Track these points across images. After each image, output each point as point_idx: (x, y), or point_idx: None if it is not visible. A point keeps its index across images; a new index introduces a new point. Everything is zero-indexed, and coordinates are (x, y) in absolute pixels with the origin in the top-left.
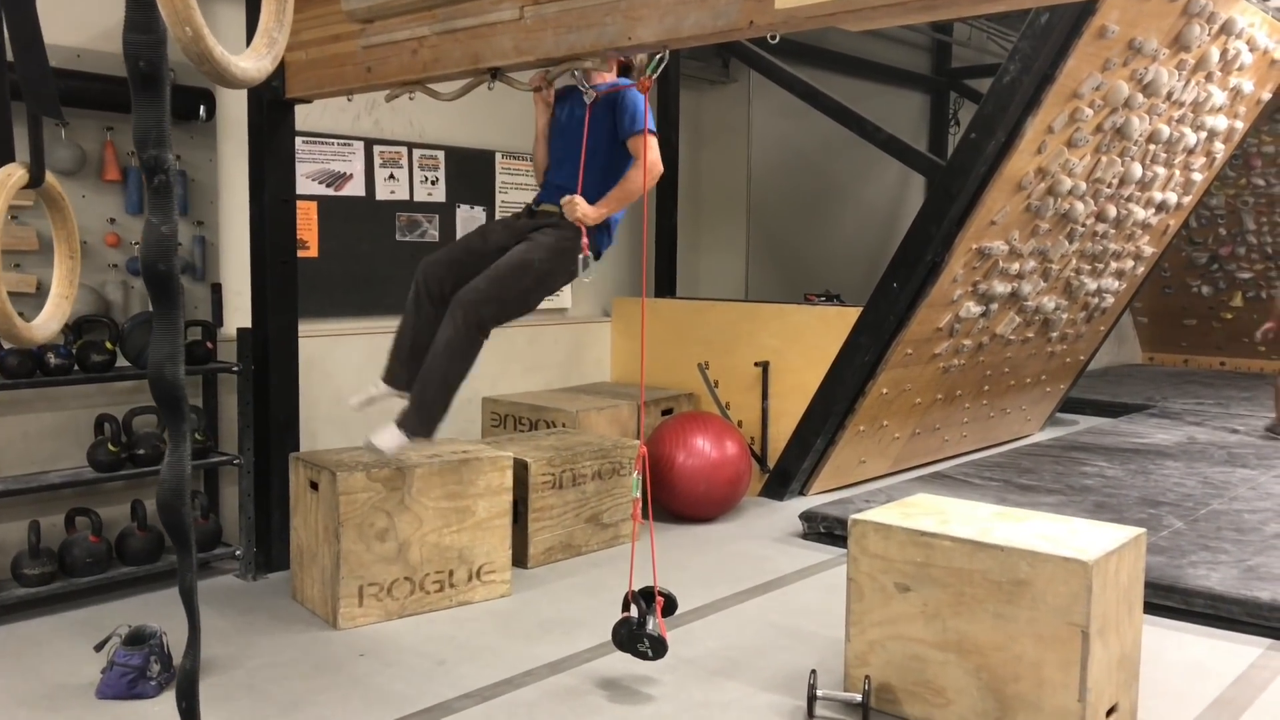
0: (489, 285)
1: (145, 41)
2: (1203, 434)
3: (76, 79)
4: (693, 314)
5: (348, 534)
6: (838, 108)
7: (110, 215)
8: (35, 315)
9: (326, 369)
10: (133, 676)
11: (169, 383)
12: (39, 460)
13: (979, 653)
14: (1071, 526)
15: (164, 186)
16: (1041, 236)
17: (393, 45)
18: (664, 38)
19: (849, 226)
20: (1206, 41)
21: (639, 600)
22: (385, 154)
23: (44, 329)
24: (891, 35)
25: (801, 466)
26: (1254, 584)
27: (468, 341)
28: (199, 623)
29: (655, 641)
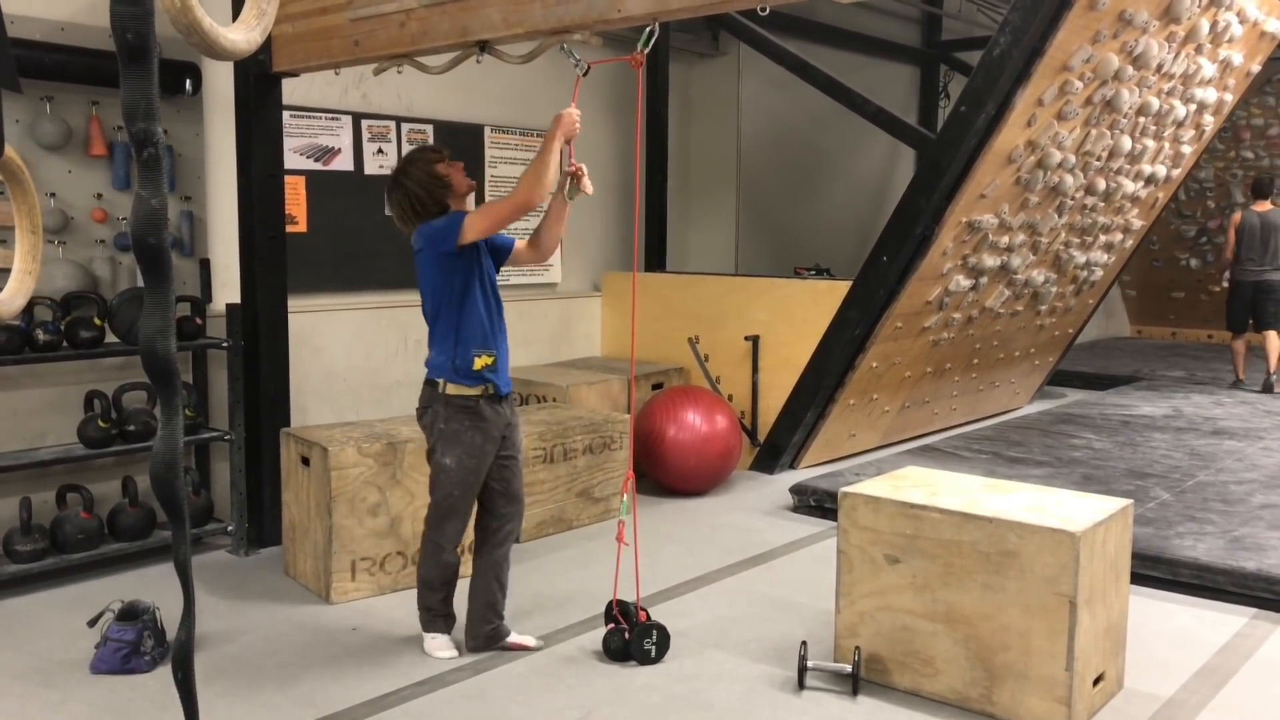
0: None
1: (133, 13)
2: (1190, 406)
3: (61, 53)
4: (683, 288)
5: (339, 509)
6: (827, 80)
7: (97, 190)
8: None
9: (316, 344)
10: (126, 651)
11: (160, 356)
12: (29, 437)
13: (967, 623)
14: (1059, 498)
15: (153, 160)
16: (1031, 210)
17: (380, 18)
18: (653, 10)
19: (839, 200)
20: (1196, 13)
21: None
22: (373, 128)
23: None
24: (881, 8)
25: (792, 440)
26: (1239, 554)
27: (425, 552)
28: (194, 595)
29: (663, 638)
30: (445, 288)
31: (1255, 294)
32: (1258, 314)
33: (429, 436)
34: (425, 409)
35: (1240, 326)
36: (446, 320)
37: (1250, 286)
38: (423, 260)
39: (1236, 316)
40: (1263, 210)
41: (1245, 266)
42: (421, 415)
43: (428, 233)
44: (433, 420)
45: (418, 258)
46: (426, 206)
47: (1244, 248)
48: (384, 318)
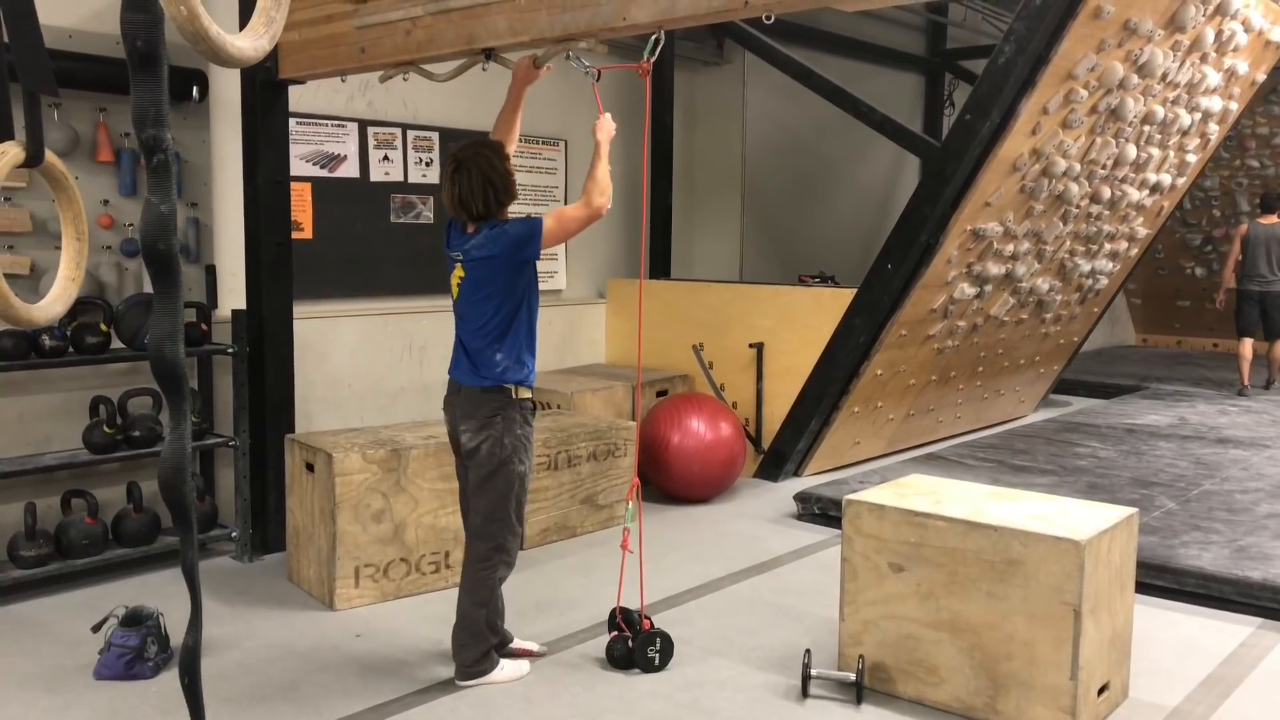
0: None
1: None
2: (1195, 415)
3: (69, 59)
4: (687, 295)
5: (344, 515)
6: (832, 89)
7: (104, 197)
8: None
9: (321, 350)
10: (130, 657)
11: (169, 361)
12: (34, 442)
13: (972, 632)
14: (1064, 506)
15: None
16: (1036, 218)
17: (386, 26)
18: (659, 18)
19: (843, 208)
20: (1202, 22)
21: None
22: (379, 135)
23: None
24: (886, 16)
25: (796, 447)
26: (1245, 564)
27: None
28: (201, 600)
29: (666, 645)
30: (515, 292)
31: (1264, 304)
32: (1267, 325)
33: (497, 447)
34: (493, 417)
35: (1249, 330)
36: (516, 324)
37: (1257, 296)
38: (494, 265)
39: (1246, 321)
40: (1269, 223)
41: (1252, 277)
42: (487, 425)
43: (505, 241)
44: (505, 428)
45: (484, 262)
46: (499, 198)
47: (1250, 260)
48: (389, 324)
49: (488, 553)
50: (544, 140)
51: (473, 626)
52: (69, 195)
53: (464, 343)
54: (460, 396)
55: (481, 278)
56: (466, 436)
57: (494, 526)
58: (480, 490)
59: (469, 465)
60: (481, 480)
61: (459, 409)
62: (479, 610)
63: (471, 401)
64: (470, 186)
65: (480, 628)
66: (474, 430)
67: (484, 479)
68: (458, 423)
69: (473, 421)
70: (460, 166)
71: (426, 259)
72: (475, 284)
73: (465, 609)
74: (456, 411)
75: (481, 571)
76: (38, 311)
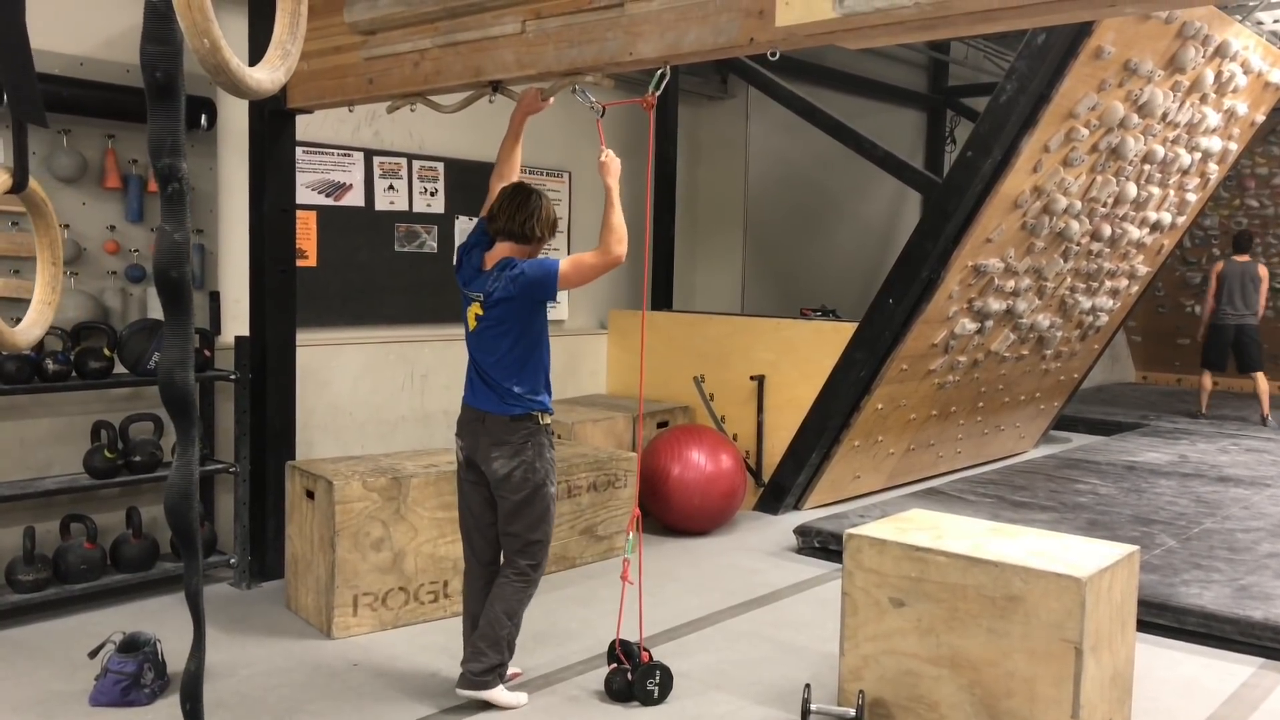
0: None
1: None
2: (1195, 453)
3: (79, 87)
4: (689, 327)
5: (343, 543)
6: (835, 124)
7: (110, 223)
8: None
9: (324, 378)
10: (126, 684)
11: (179, 388)
12: (35, 466)
13: (972, 668)
14: (1065, 543)
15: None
16: (1037, 254)
17: (394, 57)
18: (665, 53)
19: (845, 242)
20: (1201, 64)
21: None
22: (385, 165)
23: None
24: (889, 53)
25: (796, 481)
26: (1246, 603)
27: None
28: (204, 626)
29: (666, 678)
30: (533, 327)
31: (1237, 337)
32: (1241, 357)
33: (530, 472)
34: (525, 444)
35: (1216, 365)
36: (536, 356)
37: (1231, 330)
38: (511, 306)
39: (1215, 355)
40: (1243, 261)
41: (1226, 311)
42: (519, 451)
43: (522, 283)
44: (536, 453)
45: (502, 303)
46: (544, 235)
47: (1225, 295)
48: (391, 353)
49: (528, 569)
50: (549, 172)
51: (494, 636)
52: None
53: (482, 373)
54: (485, 425)
55: (498, 316)
56: (499, 464)
57: (535, 546)
58: (518, 514)
59: (502, 491)
60: (519, 505)
61: (485, 436)
62: (508, 623)
63: (501, 429)
64: (529, 210)
65: (501, 641)
66: (507, 457)
67: (521, 503)
68: (487, 450)
69: (505, 449)
70: (530, 194)
71: (430, 288)
72: (492, 322)
73: (494, 617)
74: (481, 439)
75: (521, 586)
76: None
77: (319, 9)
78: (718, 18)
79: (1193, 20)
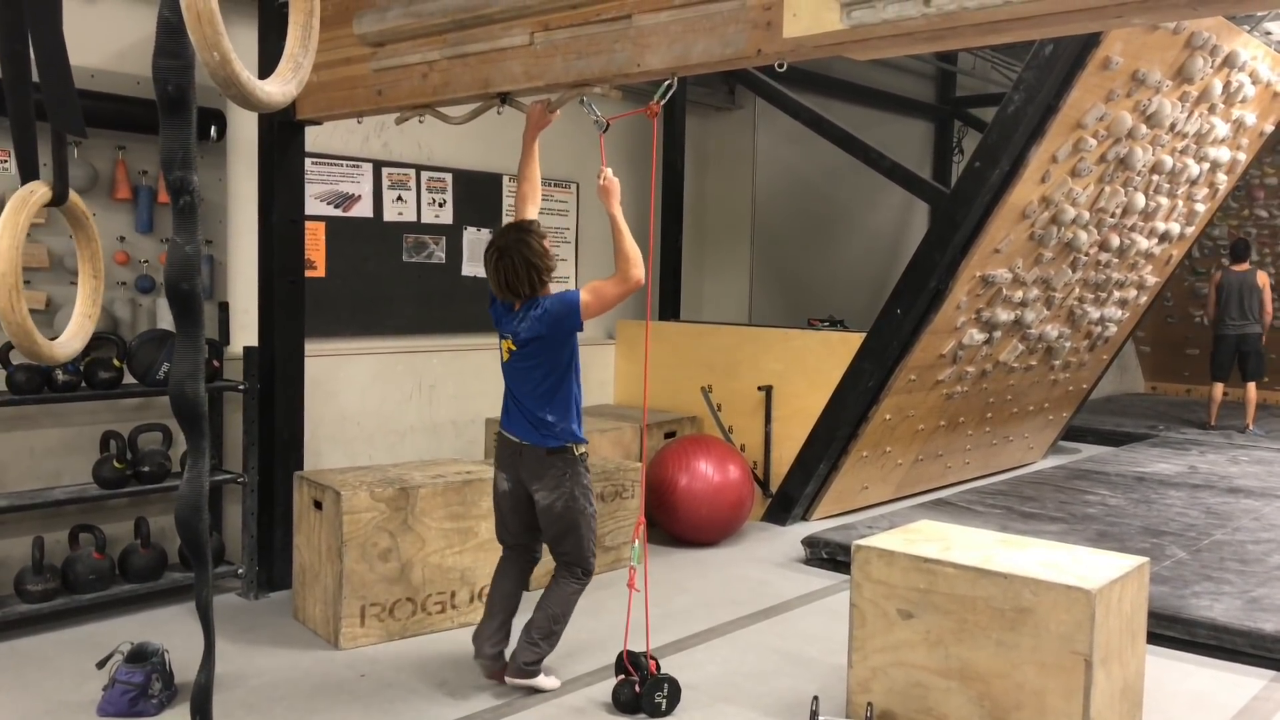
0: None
1: (174, 66)
2: (1205, 464)
3: (90, 99)
4: (696, 337)
5: (350, 554)
6: (842, 135)
7: (120, 234)
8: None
9: (332, 388)
10: (134, 694)
11: (190, 399)
12: (44, 476)
13: (981, 680)
14: (1074, 554)
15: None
16: (1045, 265)
17: (403, 69)
18: (673, 65)
19: (853, 252)
20: (1209, 74)
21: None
22: (393, 175)
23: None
24: (897, 64)
25: (804, 491)
26: (1258, 615)
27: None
28: (214, 637)
29: (674, 690)
30: (562, 359)
31: (1239, 346)
32: (1243, 366)
33: (571, 500)
34: (563, 476)
35: (1223, 374)
36: (566, 389)
37: (1233, 340)
38: (544, 343)
39: (1222, 365)
40: (1241, 270)
41: (1226, 322)
42: (558, 484)
43: (548, 320)
44: (574, 483)
45: (535, 342)
46: (542, 277)
47: (1224, 305)
48: (399, 363)
49: (582, 574)
50: (556, 183)
51: (548, 630)
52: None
53: (517, 401)
54: (523, 456)
55: (529, 353)
56: (541, 496)
57: (585, 554)
58: (565, 538)
59: (546, 520)
60: (565, 530)
61: (525, 468)
62: (562, 621)
63: (539, 463)
64: (515, 272)
65: (554, 635)
66: (548, 490)
67: (567, 529)
68: (527, 480)
69: (546, 482)
70: (504, 254)
71: (438, 299)
72: (524, 356)
73: (551, 614)
74: (521, 470)
75: (576, 589)
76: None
77: (328, 21)
78: (725, 29)
79: (1201, 30)
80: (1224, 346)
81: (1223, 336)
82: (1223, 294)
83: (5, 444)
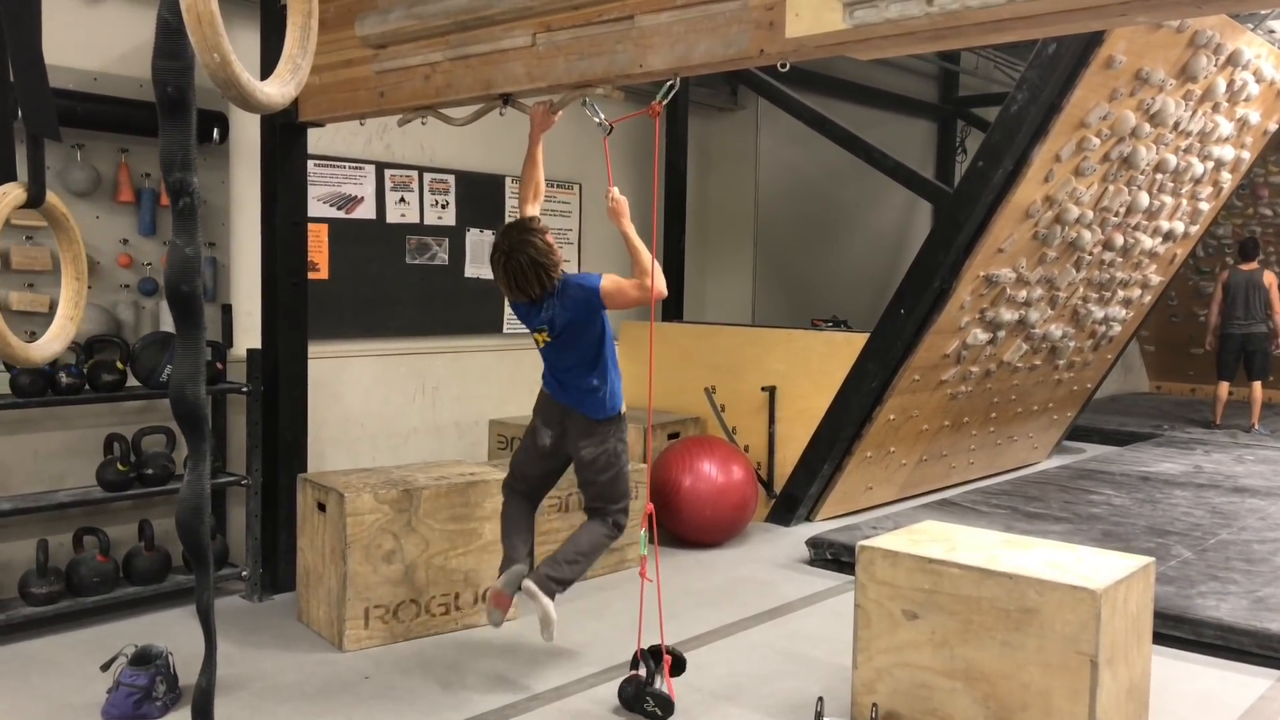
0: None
1: (174, 68)
2: (1210, 464)
3: (93, 101)
4: (699, 338)
5: (354, 555)
6: (845, 135)
7: (123, 236)
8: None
9: (335, 390)
10: (138, 697)
11: (190, 402)
12: (48, 479)
13: (987, 681)
14: (1079, 555)
15: (188, 209)
16: (1049, 264)
17: (406, 70)
18: (675, 65)
19: (856, 252)
20: (1213, 72)
21: (647, 659)
22: (396, 177)
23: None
24: (899, 64)
25: (808, 492)
26: (1264, 615)
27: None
28: (215, 640)
29: (661, 700)
30: (599, 331)
31: (1244, 345)
32: (1249, 365)
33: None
34: (608, 434)
35: (1229, 374)
36: (605, 355)
37: (1239, 339)
38: (579, 326)
39: (1227, 364)
40: (1249, 269)
41: (1233, 321)
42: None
43: (574, 305)
44: (617, 440)
45: (570, 326)
46: (550, 274)
47: (1231, 304)
48: (402, 365)
49: (619, 523)
50: (559, 184)
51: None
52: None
53: (559, 376)
54: (571, 418)
55: (566, 337)
56: (586, 451)
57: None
58: (606, 491)
59: (588, 474)
60: (607, 483)
61: (572, 428)
62: (592, 556)
63: (587, 425)
64: (524, 273)
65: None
66: (594, 446)
67: (608, 482)
68: (575, 439)
69: (593, 440)
70: (510, 257)
71: (441, 301)
72: (561, 342)
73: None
74: (569, 429)
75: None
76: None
77: (330, 23)
78: (727, 29)
79: (1204, 29)
80: (1229, 346)
81: (1229, 336)
82: (1229, 293)
83: (9, 447)
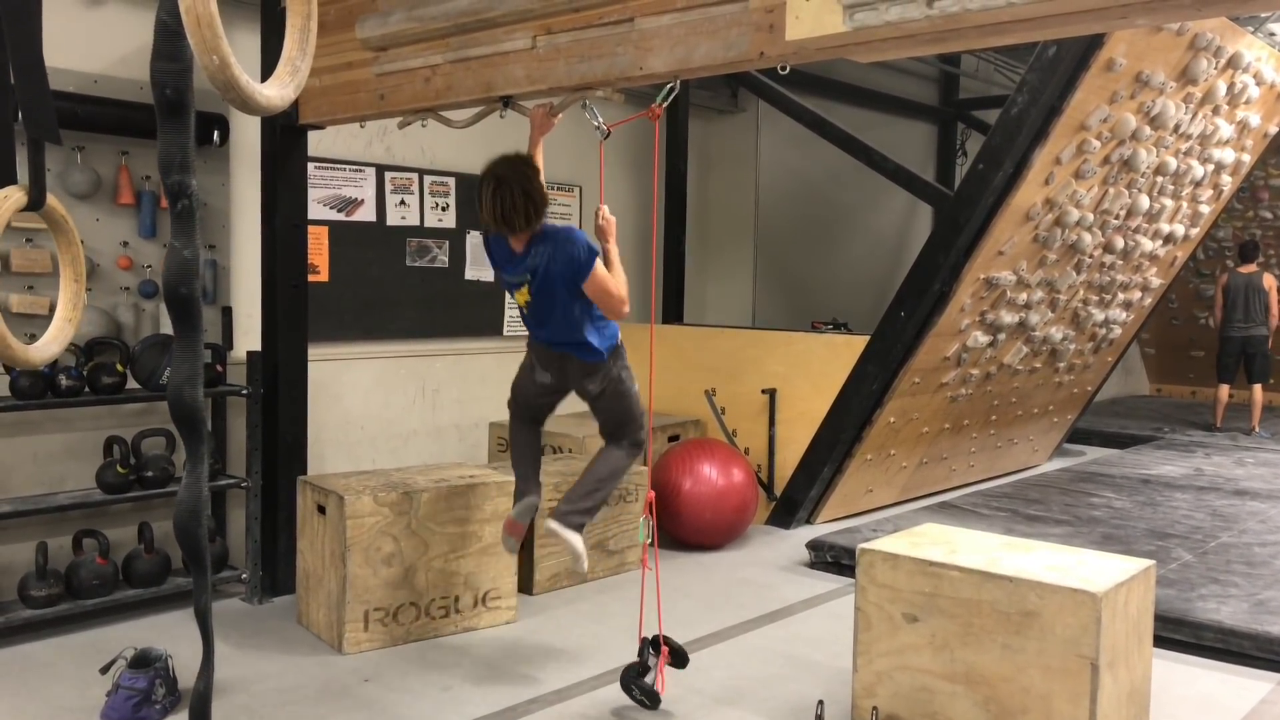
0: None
1: (173, 70)
2: (1211, 466)
3: (93, 104)
4: (700, 341)
5: (354, 558)
6: (845, 137)
7: (123, 238)
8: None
9: (335, 392)
10: (138, 700)
11: (188, 404)
12: (48, 481)
13: (987, 684)
14: (1080, 558)
15: (187, 211)
16: (1049, 267)
17: (406, 73)
18: (675, 68)
19: (856, 255)
20: (1213, 75)
21: (649, 649)
22: (396, 180)
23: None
24: (900, 66)
25: (809, 495)
26: (1264, 618)
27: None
28: (213, 643)
29: (648, 693)
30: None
31: (1244, 348)
32: (1249, 368)
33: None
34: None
35: (1229, 376)
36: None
37: (1239, 342)
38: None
39: (1227, 367)
40: (1248, 272)
41: (1233, 323)
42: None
43: (564, 261)
44: (620, 368)
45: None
46: (538, 210)
47: (1230, 306)
48: (403, 367)
49: (639, 443)
50: (559, 186)
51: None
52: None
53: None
54: (570, 362)
55: (548, 290)
56: (592, 386)
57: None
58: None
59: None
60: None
61: (573, 370)
62: (611, 482)
63: (589, 367)
64: (513, 202)
65: (599, 494)
66: (598, 382)
67: (620, 409)
68: (578, 379)
69: (595, 376)
70: (501, 183)
71: (441, 303)
72: (544, 295)
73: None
74: (570, 371)
75: (632, 455)
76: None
77: (331, 25)
78: (728, 32)
79: (1204, 32)
80: (1229, 348)
81: (1228, 339)
82: (1229, 295)
83: (9, 449)
